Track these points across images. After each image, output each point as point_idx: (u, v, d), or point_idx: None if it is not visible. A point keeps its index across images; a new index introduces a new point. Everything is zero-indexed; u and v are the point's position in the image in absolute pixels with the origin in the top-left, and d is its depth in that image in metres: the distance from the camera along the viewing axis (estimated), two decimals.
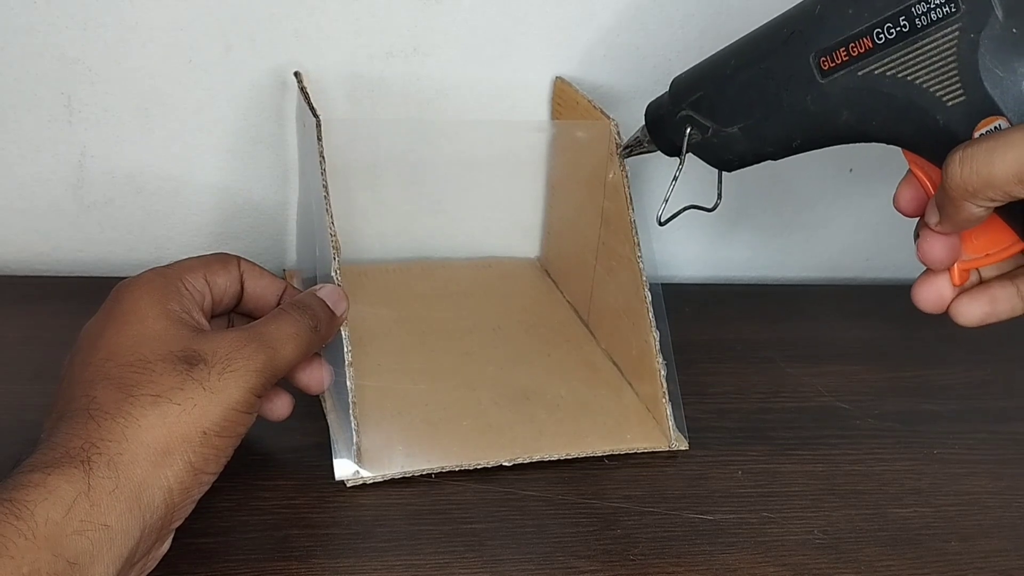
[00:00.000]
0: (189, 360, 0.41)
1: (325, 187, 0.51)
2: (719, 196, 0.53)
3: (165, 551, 0.42)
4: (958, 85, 0.40)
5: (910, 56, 0.41)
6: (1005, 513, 0.53)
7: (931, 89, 0.41)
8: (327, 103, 0.62)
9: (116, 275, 0.48)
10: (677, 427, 0.55)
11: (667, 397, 0.55)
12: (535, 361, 0.60)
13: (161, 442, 0.39)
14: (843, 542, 0.50)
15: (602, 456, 0.54)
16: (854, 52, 0.42)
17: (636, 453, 0.54)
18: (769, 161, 0.49)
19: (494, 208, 0.71)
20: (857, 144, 0.45)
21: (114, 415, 0.39)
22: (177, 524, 0.41)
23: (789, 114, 0.45)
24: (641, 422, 0.56)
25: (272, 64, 0.63)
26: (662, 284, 0.56)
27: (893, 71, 0.41)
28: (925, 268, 0.44)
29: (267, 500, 0.48)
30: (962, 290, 0.44)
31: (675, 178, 0.52)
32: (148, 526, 0.38)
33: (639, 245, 0.56)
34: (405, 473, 0.50)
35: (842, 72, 0.43)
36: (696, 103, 0.49)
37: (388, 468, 0.50)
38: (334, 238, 0.50)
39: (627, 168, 0.56)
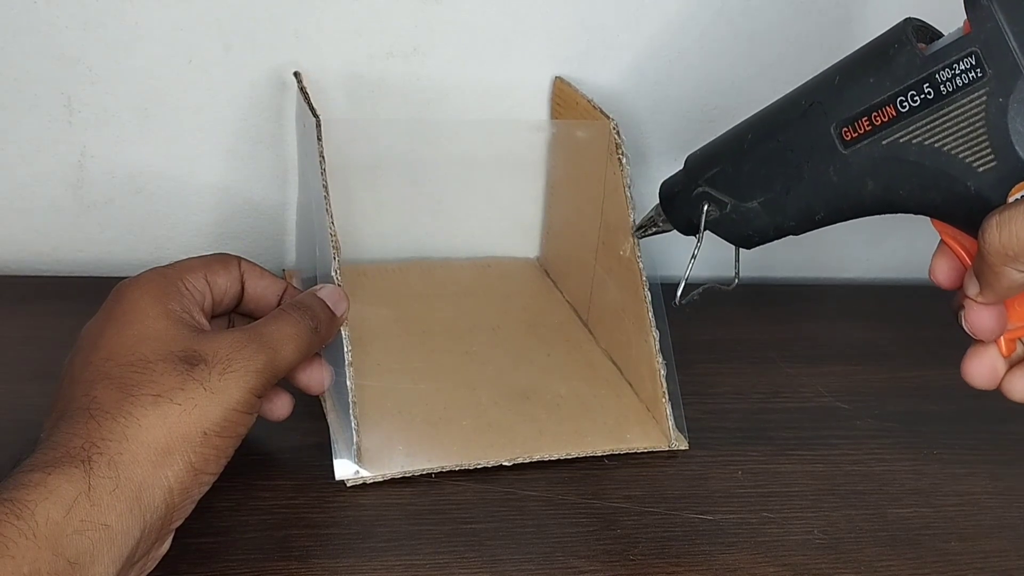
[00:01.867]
0: (190, 360, 0.41)
1: (325, 187, 0.51)
2: (737, 274, 0.52)
3: (165, 551, 0.42)
4: (988, 150, 0.39)
5: (936, 123, 0.40)
6: (1005, 513, 0.53)
7: (960, 156, 0.39)
8: (327, 103, 0.62)
9: (116, 275, 0.48)
10: (677, 427, 0.55)
11: (667, 397, 0.55)
12: (535, 361, 0.60)
13: (161, 442, 0.39)
14: (843, 542, 0.50)
15: (602, 456, 0.54)
16: (877, 121, 0.41)
17: (636, 453, 0.54)
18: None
19: (494, 208, 0.71)
20: None
21: (115, 415, 0.39)
22: (177, 524, 0.41)
23: (811, 186, 0.44)
24: (641, 422, 0.56)
25: (272, 64, 0.63)
26: (662, 284, 0.56)
27: (919, 139, 0.40)
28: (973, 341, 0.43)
29: (267, 500, 0.48)
30: (1012, 362, 0.43)
31: (693, 256, 0.50)
32: (148, 526, 0.38)
33: (639, 245, 0.56)
34: (405, 473, 0.50)
35: (866, 142, 0.42)
36: (713, 179, 0.48)
37: (388, 468, 0.50)
38: (334, 238, 0.50)
39: (627, 168, 0.56)
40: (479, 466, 0.51)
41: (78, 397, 0.40)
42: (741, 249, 0.50)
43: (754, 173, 0.46)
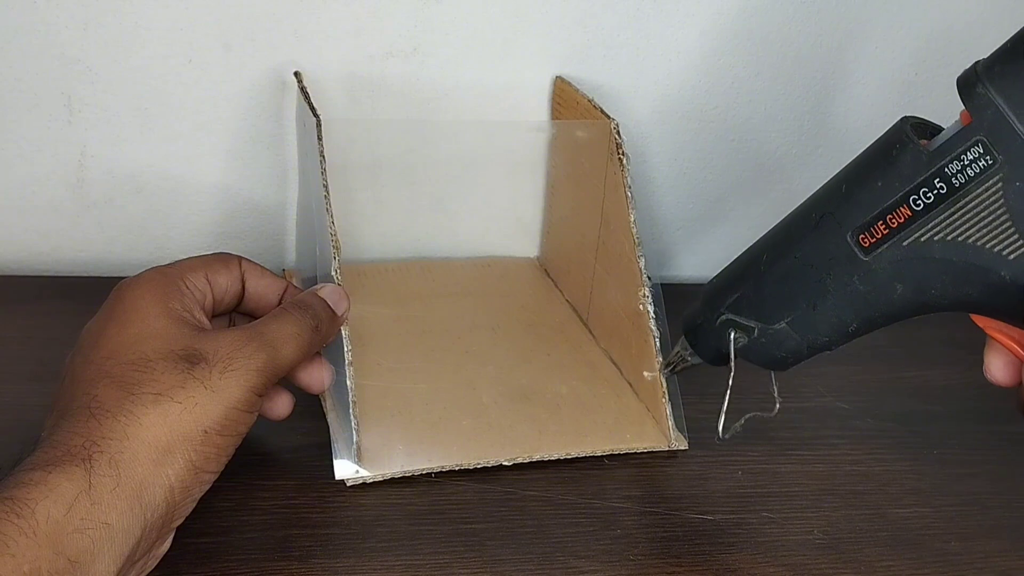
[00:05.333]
0: (190, 359, 0.41)
1: (325, 187, 0.51)
2: (778, 399, 0.51)
3: (166, 550, 0.42)
4: (1016, 236, 0.38)
5: (955, 217, 0.39)
6: (1005, 513, 0.53)
7: (987, 245, 0.38)
8: (327, 103, 0.62)
9: (116, 275, 0.48)
10: (677, 427, 0.55)
11: (667, 397, 0.55)
12: (535, 360, 0.60)
13: (162, 440, 0.39)
14: (843, 542, 0.50)
15: (602, 456, 0.54)
16: (893, 224, 0.40)
17: (636, 453, 0.54)
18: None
19: (494, 208, 0.71)
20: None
21: (115, 413, 0.39)
22: (178, 523, 0.41)
23: (838, 299, 0.43)
24: (641, 422, 0.56)
25: (272, 64, 0.63)
26: (662, 284, 0.56)
27: (941, 235, 0.39)
28: None
29: (267, 500, 0.48)
30: None
31: (729, 388, 0.48)
32: (149, 524, 0.38)
33: (639, 245, 0.56)
34: (405, 472, 0.50)
35: (886, 246, 0.41)
36: (735, 305, 0.47)
37: (388, 467, 0.50)
38: (334, 238, 0.50)
39: (627, 168, 0.56)
40: (479, 466, 0.51)
41: (79, 396, 0.40)
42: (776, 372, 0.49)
43: (776, 294, 0.45)
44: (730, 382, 0.48)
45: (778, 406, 0.50)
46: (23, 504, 0.35)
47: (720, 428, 0.49)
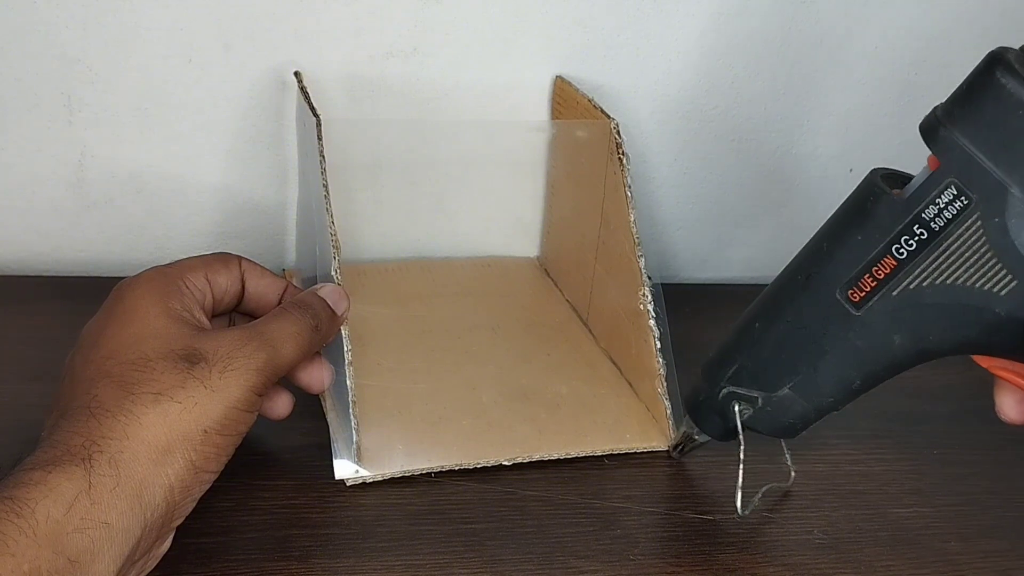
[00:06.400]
0: (190, 358, 0.41)
1: (325, 187, 0.51)
2: (791, 466, 0.51)
3: (166, 550, 0.42)
4: (1004, 272, 0.38)
5: (940, 261, 0.39)
6: (1005, 513, 0.53)
7: (977, 285, 0.38)
8: (327, 103, 0.62)
9: (116, 275, 0.48)
10: (677, 427, 0.55)
11: (667, 397, 0.55)
12: (535, 360, 0.60)
13: (162, 440, 0.39)
14: (843, 542, 0.50)
15: (602, 456, 0.54)
16: (880, 275, 0.40)
17: (636, 453, 0.54)
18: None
19: (494, 208, 0.71)
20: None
21: (115, 413, 0.39)
22: (178, 523, 0.41)
23: (837, 357, 0.43)
24: (641, 422, 0.56)
25: (272, 64, 0.63)
26: (662, 284, 0.56)
27: (929, 280, 0.39)
28: None
29: (267, 500, 0.48)
30: None
31: (741, 461, 0.48)
32: (149, 524, 0.38)
33: (639, 245, 0.56)
34: (405, 472, 0.50)
35: (876, 298, 0.41)
36: (735, 377, 0.47)
37: (388, 467, 0.50)
38: (334, 238, 0.50)
39: (627, 168, 0.56)
40: (479, 466, 0.51)
41: (79, 396, 0.40)
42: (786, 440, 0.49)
43: (775, 360, 0.45)
44: (741, 455, 0.48)
45: (793, 475, 0.51)
46: (23, 504, 0.35)
47: (739, 504, 0.49)
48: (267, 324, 0.44)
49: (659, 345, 0.55)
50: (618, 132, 0.57)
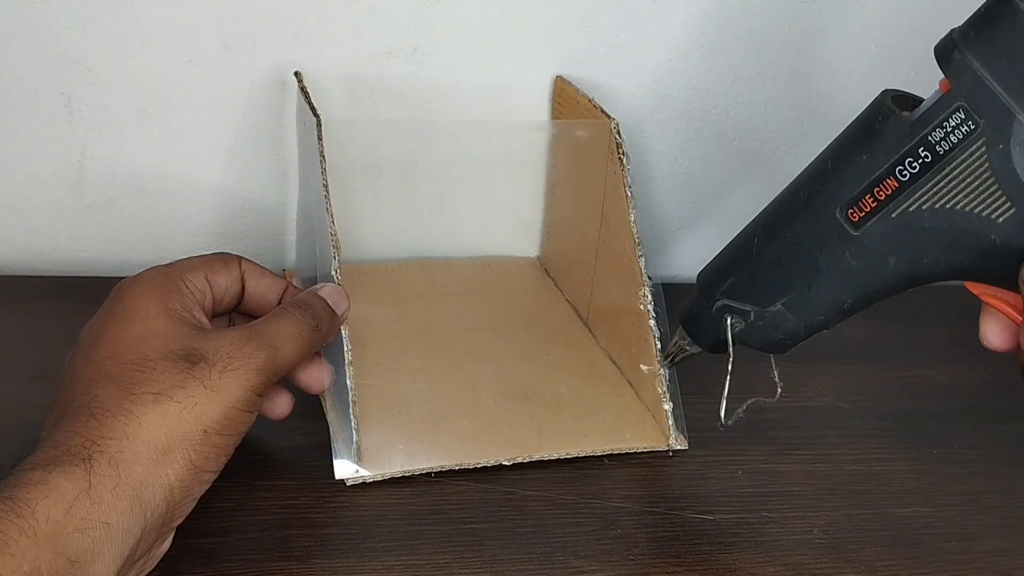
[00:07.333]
0: (190, 358, 0.41)
1: (325, 187, 0.51)
2: (779, 383, 0.51)
3: (165, 550, 0.42)
4: (1003, 198, 0.38)
5: (942, 184, 0.39)
6: (1005, 513, 0.53)
7: (976, 210, 0.38)
8: (327, 103, 0.62)
9: (116, 275, 0.48)
10: (677, 427, 0.55)
11: (667, 397, 0.55)
12: (535, 360, 0.60)
13: (162, 440, 0.39)
14: (843, 542, 0.50)
15: (602, 456, 0.53)
16: (881, 196, 0.41)
17: (636, 453, 0.54)
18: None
19: (494, 208, 0.71)
20: None
21: (115, 413, 0.39)
22: (178, 522, 0.41)
23: (831, 276, 0.43)
24: (641, 422, 0.56)
25: (272, 64, 0.63)
26: (662, 284, 0.56)
27: (929, 204, 0.39)
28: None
29: (267, 500, 0.48)
30: None
31: (728, 373, 0.49)
32: (149, 524, 0.38)
33: (639, 245, 0.56)
34: (405, 472, 0.50)
35: (875, 219, 0.41)
36: (730, 290, 0.47)
37: (388, 467, 0.50)
38: (334, 238, 0.50)
39: (627, 168, 0.56)
40: (479, 466, 0.51)
41: (79, 396, 0.40)
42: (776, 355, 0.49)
43: (770, 275, 0.46)
44: (729, 367, 0.48)
45: (780, 391, 0.50)
46: (23, 504, 0.35)
47: (722, 413, 0.49)
48: (267, 324, 0.44)
49: (659, 345, 0.55)
50: (618, 132, 0.57)
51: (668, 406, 0.55)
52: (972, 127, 0.38)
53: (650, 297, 0.55)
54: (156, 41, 0.61)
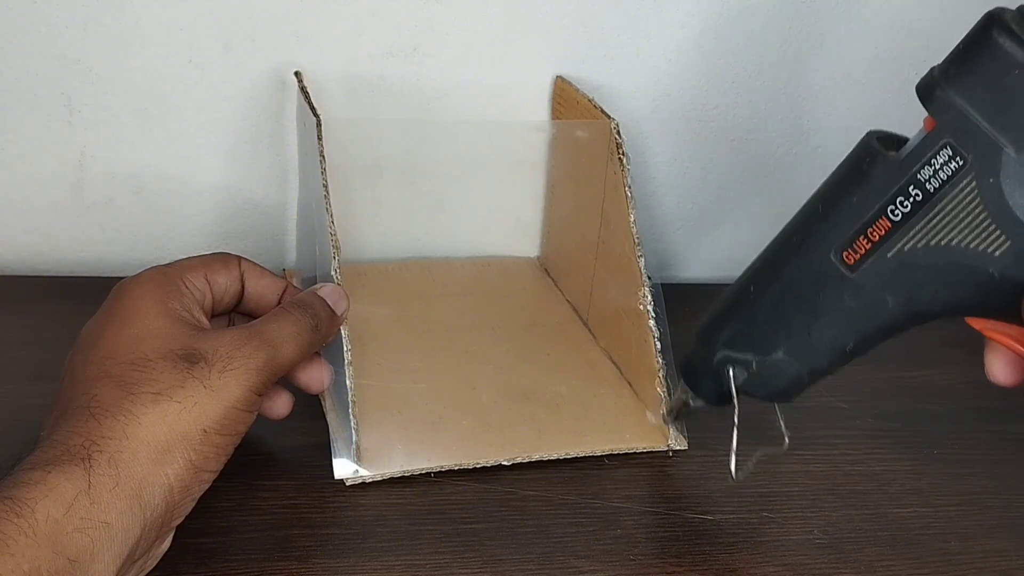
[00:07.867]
0: (190, 358, 0.41)
1: (325, 187, 0.51)
2: (785, 433, 0.50)
3: (165, 549, 0.42)
4: (998, 232, 0.37)
5: (935, 221, 0.39)
6: (1005, 513, 0.53)
7: (971, 245, 0.38)
8: (327, 103, 0.62)
9: (116, 275, 0.48)
10: (677, 427, 0.55)
11: (667, 397, 0.55)
12: (535, 360, 0.60)
13: (161, 440, 0.39)
14: (843, 542, 0.50)
15: (602, 456, 0.53)
16: (874, 237, 0.40)
17: (636, 453, 0.54)
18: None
19: (494, 208, 0.71)
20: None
21: (115, 413, 0.39)
22: (177, 522, 0.41)
23: (831, 320, 0.43)
24: (641, 422, 0.56)
25: (272, 64, 0.63)
26: (662, 284, 0.56)
27: (923, 241, 0.39)
28: None
29: (267, 500, 0.48)
30: None
31: (735, 426, 0.48)
32: (148, 524, 0.38)
33: (639, 245, 0.56)
34: (405, 472, 0.50)
35: (870, 260, 0.41)
36: (730, 341, 0.47)
37: (388, 467, 0.50)
38: (334, 238, 0.50)
39: (627, 168, 0.56)
40: (479, 466, 0.51)
41: (78, 395, 0.40)
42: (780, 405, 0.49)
43: (769, 323, 0.45)
44: (735, 419, 0.48)
45: (787, 441, 0.50)
46: (23, 504, 0.35)
47: (732, 468, 0.49)
48: (267, 324, 0.44)
49: (659, 345, 0.55)
50: (618, 132, 0.57)
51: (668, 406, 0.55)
52: (960, 163, 0.38)
53: (650, 297, 0.55)
54: (156, 41, 0.61)
